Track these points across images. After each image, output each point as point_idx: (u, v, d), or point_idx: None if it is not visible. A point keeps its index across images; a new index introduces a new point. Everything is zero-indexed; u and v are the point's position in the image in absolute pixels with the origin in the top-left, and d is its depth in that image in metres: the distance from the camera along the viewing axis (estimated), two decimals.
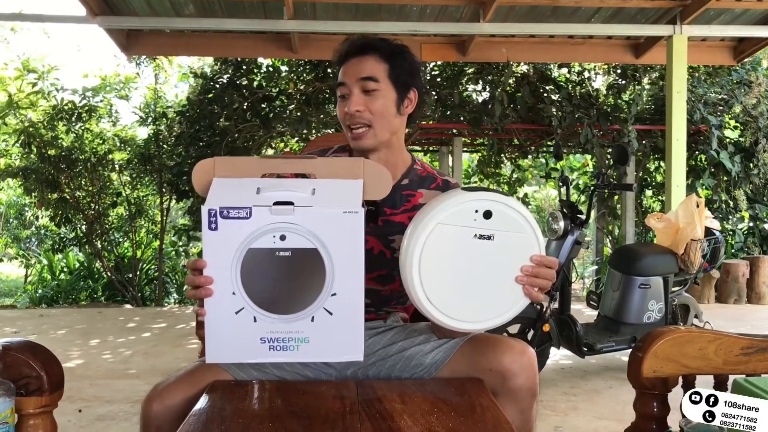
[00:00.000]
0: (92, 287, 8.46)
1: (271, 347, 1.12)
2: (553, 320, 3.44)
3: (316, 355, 1.14)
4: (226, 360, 1.17)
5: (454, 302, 1.18)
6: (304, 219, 1.09)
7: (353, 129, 1.45)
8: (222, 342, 1.12)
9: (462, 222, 1.16)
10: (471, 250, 1.16)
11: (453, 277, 1.17)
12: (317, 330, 1.12)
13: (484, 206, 1.16)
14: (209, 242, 1.10)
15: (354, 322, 1.12)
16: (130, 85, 8.57)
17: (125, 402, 3.26)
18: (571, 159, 9.36)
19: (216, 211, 1.08)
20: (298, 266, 1.10)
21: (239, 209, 1.09)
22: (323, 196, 1.13)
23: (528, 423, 1.33)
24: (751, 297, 6.44)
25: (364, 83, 1.43)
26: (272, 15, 5.54)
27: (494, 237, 1.16)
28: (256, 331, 1.12)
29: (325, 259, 1.10)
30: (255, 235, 1.09)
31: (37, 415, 1.16)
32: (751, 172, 7.20)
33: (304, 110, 7.37)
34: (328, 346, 1.12)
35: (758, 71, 7.42)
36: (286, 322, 1.11)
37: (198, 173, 1.19)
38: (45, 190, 7.56)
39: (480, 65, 7.47)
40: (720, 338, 1.26)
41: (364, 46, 1.46)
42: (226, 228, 1.09)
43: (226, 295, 1.10)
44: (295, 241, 1.09)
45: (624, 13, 5.77)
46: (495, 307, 1.19)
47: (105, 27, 5.53)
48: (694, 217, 3.52)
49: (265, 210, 1.09)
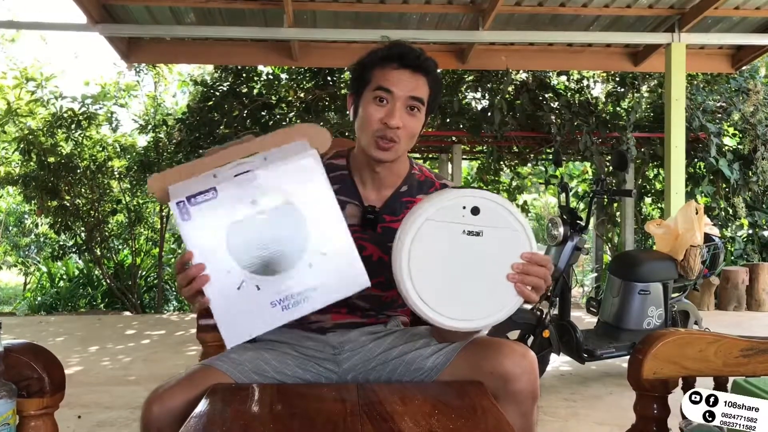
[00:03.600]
0: (92, 294, 8.45)
1: (284, 308, 1.14)
2: (553, 326, 3.44)
3: (327, 297, 1.15)
4: (246, 337, 1.17)
5: (445, 300, 1.19)
6: (266, 179, 1.13)
7: (383, 140, 1.40)
8: (235, 322, 1.13)
9: (450, 218, 1.17)
10: (461, 247, 1.17)
11: (443, 274, 1.18)
12: (318, 275, 1.14)
13: (472, 202, 1.17)
14: (188, 233, 1.12)
15: (349, 254, 1.14)
16: (131, 92, 8.58)
17: (125, 408, 3.26)
18: (571, 166, 9.37)
19: (183, 201, 1.11)
20: (279, 223, 1.13)
21: (204, 192, 1.12)
22: (275, 158, 1.17)
23: (529, 426, 1.33)
24: (751, 304, 6.43)
25: (412, 102, 1.40)
26: (272, 23, 5.57)
27: (483, 233, 1.17)
28: (264, 298, 1.13)
29: (301, 208, 1.14)
30: (230, 209, 1.12)
31: (39, 417, 1.16)
32: (750, 179, 7.22)
33: (304, 118, 7.37)
34: (335, 286, 1.15)
35: (756, 79, 7.45)
36: (288, 278, 1.13)
37: (155, 185, 1.22)
38: (44, 197, 7.55)
39: (479, 73, 7.49)
40: (720, 340, 1.26)
41: (422, 64, 1.42)
42: (199, 213, 1.11)
43: (222, 275, 1.12)
44: (267, 202, 1.13)
45: (623, 21, 5.80)
46: (488, 305, 1.20)
47: (106, 35, 5.55)
48: (694, 224, 3.52)
49: (229, 184, 1.12)
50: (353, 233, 1.45)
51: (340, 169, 1.51)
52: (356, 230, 1.46)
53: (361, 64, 1.46)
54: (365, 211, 1.47)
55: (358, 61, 1.48)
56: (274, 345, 1.48)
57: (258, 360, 1.40)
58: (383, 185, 1.50)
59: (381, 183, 1.49)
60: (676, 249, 3.58)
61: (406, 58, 1.41)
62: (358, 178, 1.50)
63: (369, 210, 1.47)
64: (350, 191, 1.49)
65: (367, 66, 1.44)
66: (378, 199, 1.49)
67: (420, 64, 1.42)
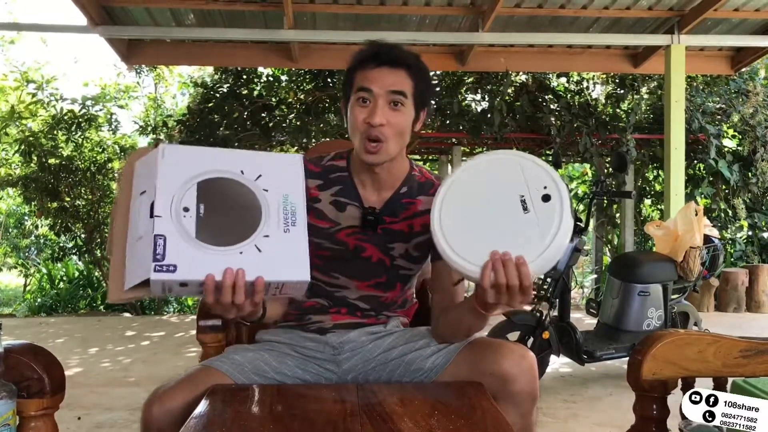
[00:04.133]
0: (91, 296, 8.44)
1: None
2: (552, 328, 3.44)
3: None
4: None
5: (454, 222, 1.20)
6: (162, 188, 1.17)
7: (371, 142, 1.39)
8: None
9: (530, 177, 1.18)
10: (505, 200, 1.18)
11: (473, 204, 1.21)
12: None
13: (554, 193, 1.16)
14: (184, 275, 1.15)
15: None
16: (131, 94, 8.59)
17: (125, 409, 3.26)
18: (570, 168, 9.37)
19: (156, 267, 1.12)
20: (218, 199, 1.21)
21: (156, 246, 1.13)
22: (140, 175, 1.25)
23: (528, 427, 1.33)
24: (751, 305, 6.43)
25: (393, 96, 1.39)
26: (272, 24, 5.57)
27: (528, 213, 1.17)
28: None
29: (211, 176, 1.22)
30: (181, 233, 1.15)
31: (39, 417, 1.16)
32: (750, 181, 7.22)
33: (304, 119, 7.38)
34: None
35: (756, 81, 7.46)
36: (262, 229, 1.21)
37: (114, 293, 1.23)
38: (45, 199, 7.56)
39: (479, 74, 7.50)
40: (719, 341, 1.26)
41: (398, 58, 1.41)
42: (172, 255, 1.14)
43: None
44: (188, 199, 1.19)
45: (622, 23, 5.80)
46: (468, 252, 1.18)
47: (106, 36, 5.55)
48: (693, 225, 3.52)
49: (151, 228, 1.15)
50: (353, 234, 1.46)
51: (340, 171, 1.51)
52: (356, 231, 1.47)
53: (347, 69, 1.47)
54: (365, 212, 1.47)
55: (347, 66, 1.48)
56: (273, 346, 1.48)
57: (258, 361, 1.40)
58: (383, 187, 1.50)
59: (381, 184, 1.49)
60: (676, 250, 3.58)
61: (383, 55, 1.41)
62: (358, 179, 1.50)
63: (369, 211, 1.47)
64: (350, 193, 1.49)
65: (350, 70, 1.45)
66: (378, 201, 1.49)
67: (397, 58, 1.41)
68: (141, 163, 1.24)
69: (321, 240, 1.44)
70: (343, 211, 1.47)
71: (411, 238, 1.48)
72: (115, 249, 1.21)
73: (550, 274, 3.43)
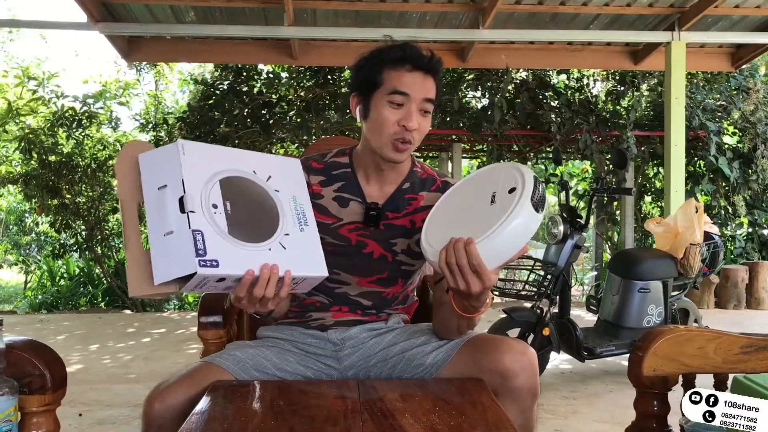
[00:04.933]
0: (92, 293, 8.44)
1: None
2: (553, 324, 3.44)
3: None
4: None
5: (435, 220, 1.32)
6: (189, 186, 1.20)
7: (401, 143, 1.41)
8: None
9: (503, 179, 1.25)
10: (479, 197, 1.26)
11: (455, 203, 1.33)
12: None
13: (519, 184, 1.20)
14: (227, 271, 1.17)
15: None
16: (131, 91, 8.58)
17: (125, 406, 3.26)
18: (570, 165, 9.37)
19: (201, 262, 1.14)
20: (242, 197, 1.27)
21: (195, 242, 1.15)
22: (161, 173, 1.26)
23: (529, 423, 1.33)
24: (751, 302, 6.44)
25: (426, 104, 1.42)
26: (272, 21, 5.56)
27: (494, 204, 1.22)
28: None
29: (232, 174, 1.26)
30: (215, 228, 1.18)
31: (40, 414, 1.17)
32: (750, 178, 7.22)
33: (304, 116, 7.38)
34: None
35: (756, 78, 7.45)
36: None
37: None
38: (45, 196, 7.55)
39: (479, 71, 7.49)
40: (719, 337, 1.26)
41: (431, 65, 1.43)
42: (212, 249, 1.16)
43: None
44: (215, 196, 1.22)
45: (623, 19, 5.79)
46: (438, 242, 1.25)
47: (106, 33, 5.54)
48: (693, 222, 3.52)
49: (186, 225, 1.17)
50: (356, 230, 1.46)
51: (343, 167, 1.52)
52: (359, 227, 1.47)
53: (369, 65, 1.44)
54: (368, 208, 1.48)
55: (363, 60, 1.46)
56: (275, 342, 1.48)
57: (259, 357, 1.40)
58: (386, 182, 1.50)
59: (384, 180, 1.50)
60: (676, 247, 3.58)
61: (420, 61, 1.42)
62: (361, 175, 1.51)
63: (372, 207, 1.48)
64: (353, 188, 1.50)
65: (376, 67, 1.43)
66: (380, 197, 1.50)
67: (431, 65, 1.43)
68: (148, 157, 1.24)
69: (323, 235, 1.45)
70: (346, 207, 1.48)
71: (413, 233, 1.48)
72: (130, 244, 1.21)
73: (551, 271, 3.44)
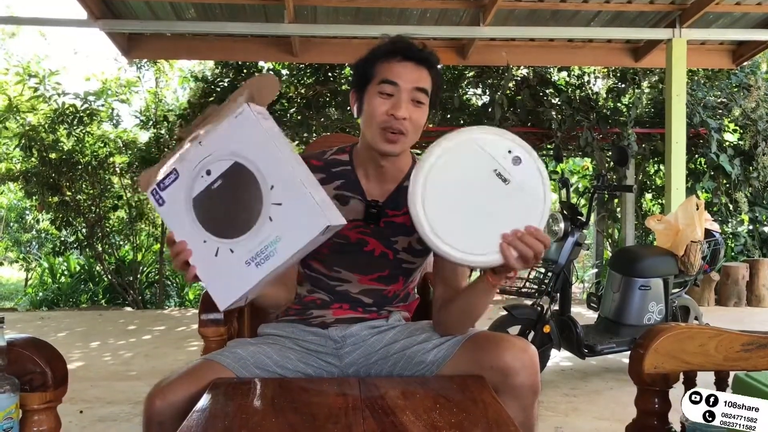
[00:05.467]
0: (93, 290, 8.45)
1: (257, 264, 1.18)
2: (553, 322, 3.44)
3: (293, 245, 1.18)
4: (233, 298, 1.21)
5: (443, 220, 1.19)
6: (211, 145, 1.19)
7: (390, 132, 1.41)
8: (220, 286, 1.21)
9: (492, 151, 1.17)
10: (483, 181, 1.17)
11: (454, 196, 1.19)
12: (280, 225, 1.17)
13: (520, 152, 1.17)
14: (165, 215, 1.21)
15: (302, 199, 1.16)
16: (131, 88, 8.57)
17: (126, 403, 3.27)
18: (571, 162, 9.37)
19: (155, 189, 1.21)
20: (233, 186, 1.19)
21: (168, 175, 1.20)
22: (217, 120, 1.23)
23: (530, 420, 1.34)
24: (751, 300, 6.44)
25: (417, 94, 1.41)
26: (273, 19, 5.56)
27: (510, 183, 1.17)
28: (239, 259, 1.19)
29: (247, 165, 1.18)
30: (189, 185, 1.19)
31: (41, 411, 1.17)
32: (751, 175, 7.22)
33: (305, 114, 7.38)
34: (297, 232, 1.18)
35: (757, 75, 7.45)
36: (254, 236, 1.18)
37: (144, 181, 1.27)
38: (46, 193, 7.56)
39: (480, 69, 7.48)
40: (721, 334, 1.26)
41: (423, 56, 1.43)
42: (169, 196, 1.20)
43: (200, 246, 1.20)
44: (218, 168, 1.19)
45: (623, 16, 5.79)
46: (472, 244, 1.19)
47: (106, 30, 5.54)
48: (694, 219, 3.52)
49: (184, 162, 1.20)
50: (356, 228, 1.46)
51: (342, 165, 1.52)
52: (359, 225, 1.47)
53: (364, 61, 1.46)
54: (368, 205, 1.47)
55: (361, 58, 1.48)
56: (275, 339, 1.48)
57: (260, 354, 1.40)
58: (386, 180, 1.50)
59: (384, 177, 1.50)
60: (677, 244, 3.58)
61: (410, 51, 1.42)
62: (361, 173, 1.50)
63: (372, 205, 1.47)
64: (353, 186, 1.49)
65: (370, 61, 1.44)
66: (381, 194, 1.50)
67: (423, 56, 1.43)
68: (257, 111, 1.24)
69: None
70: (346, 205, 1.48)
71: (413, 231, 1.47)
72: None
73: (551, 268, 3.44)
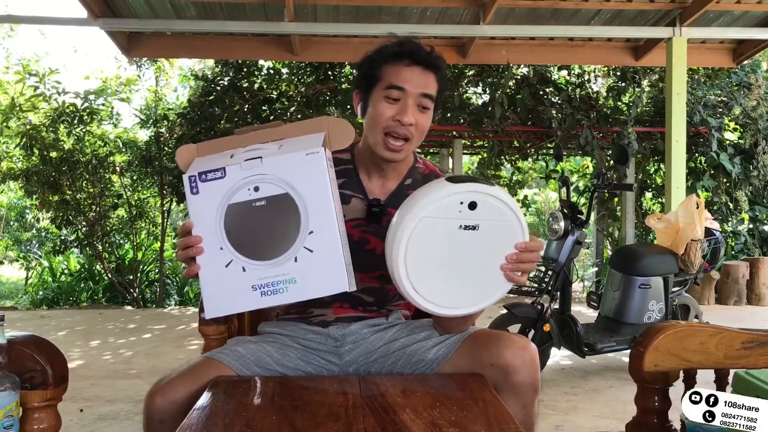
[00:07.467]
0: (93, 289, 8.45)
1: (263, 293, 1.18)
2: (553, 320, 3.44)
3: (305, 294, 1.18)
4: (223, 312, 1.22)
5: (439, 290, 1.21)
6: (272, 167, 1.17)
7: (395, 139, 1.41)
8: (217, 296, 1.20)
9: (447, 214, 1.18)
10: (457, 240, 1.18)
11: (439, 266, 1.20)
12: (302, 269, 1.17)
13: (469, 198, 1.17)
14: (193, 205, 1.19)
15: (335, 256, 1.16)
16: (132, 87, 8.57)
17: (127, 401, 3.27)
18: (571, 161, 9.37)
19: (195, 177, 1.19)
20: (274, 213, 1.17)
21: (215, 171, 1.18)
22: (288, 147, 1.21)
23: (530, 418, 1.33)
24: (751, 298, 6.44)
25: (423, 100, 1.41)
26: (273, 17, 5.56)
27: (479, 227, 1.18)
28: (247, 280, 1.18)
29: (297, 201, 1.17)
30: (232, 191, 1.18)
31: (42, 409, 1.17)
32: (751, 173, 7.22)
33: (305, 112, 7.38)
34: (315, 284, 1.17)
35: (757, 73, 7.44)
36: (273, 267, 1.17)
37: (182, 155, 1.29)
38: (46, 192, 7.55)
39: (480, 67, 7.48)
40: (721, 332, 1.26)
41: (430, 61, 1.42)
42: (206, 190, 1.18)
43: (215, 250, 1.18)
44: (268, 190, 1.17)
45: (624, 15, 5.78)
46: (480, 293, 1.22)
47: (106, 29, 5.54)
48: (694, 218, 3.52)
49: (237, 167, 1.18)
50: (358, 227, 1.46)
51: (344, 163, 1.52)
52: (361, 224, 1.47)
53: (370, 61, 1.45)
54: (370, 204, 1.48)
55: (365, 57, 1.47)
56: (276, 337, 1.48)
57: (260, 352, 1.40)
58: (388, 178, 1.51)
59: (385, 176, 1.50)
60: (677, 243, 3.58)
61: (417, 55, 1.41)
62: (363, 171, 1.51)
63: (374, 203, 1.48)
64: (355, 185, 1.50)
65: (375, 63, 1.43)
66: (382, 193, 1.50)
67: (431, 61, 1.42)
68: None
69: None
70: (348, 204, 1.48)
71: None
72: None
73: (552, 267, 3.44)
